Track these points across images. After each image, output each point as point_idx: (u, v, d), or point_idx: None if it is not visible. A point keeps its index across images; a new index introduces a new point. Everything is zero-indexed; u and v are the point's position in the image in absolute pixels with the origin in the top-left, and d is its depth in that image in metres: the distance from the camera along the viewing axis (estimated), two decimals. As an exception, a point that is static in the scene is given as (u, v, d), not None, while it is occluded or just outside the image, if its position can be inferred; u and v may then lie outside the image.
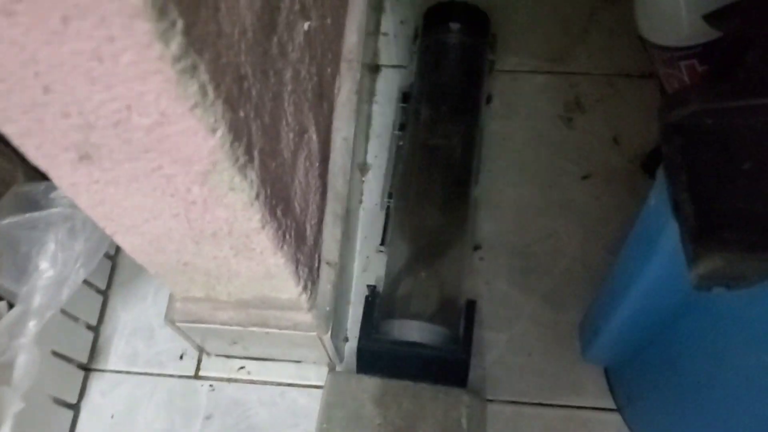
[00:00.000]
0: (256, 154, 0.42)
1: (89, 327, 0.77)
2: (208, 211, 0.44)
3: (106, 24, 0.28)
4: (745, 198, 0.38)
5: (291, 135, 0.52)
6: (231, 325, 0.65)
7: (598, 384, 0.75)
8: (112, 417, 0.74)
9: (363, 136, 0.85)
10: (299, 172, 0.55)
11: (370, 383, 0.67)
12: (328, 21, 0.64)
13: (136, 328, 0.79)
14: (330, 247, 0.68)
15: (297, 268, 0.56)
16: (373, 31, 0.90)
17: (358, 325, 0.76)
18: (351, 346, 0.76)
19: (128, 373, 0.77)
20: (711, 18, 0.45)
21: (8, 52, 0.30)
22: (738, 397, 0.51)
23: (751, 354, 0.46)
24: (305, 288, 0.60)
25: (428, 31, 0.81)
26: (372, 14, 0.88)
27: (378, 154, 0.87)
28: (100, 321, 0.78)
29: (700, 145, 0.39)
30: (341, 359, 0.75)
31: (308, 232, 0.60)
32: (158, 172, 0.40)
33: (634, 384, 0.69)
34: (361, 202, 0.84)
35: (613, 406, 0.73)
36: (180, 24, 0.30)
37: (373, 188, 0.85)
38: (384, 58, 0.92)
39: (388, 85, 0.90)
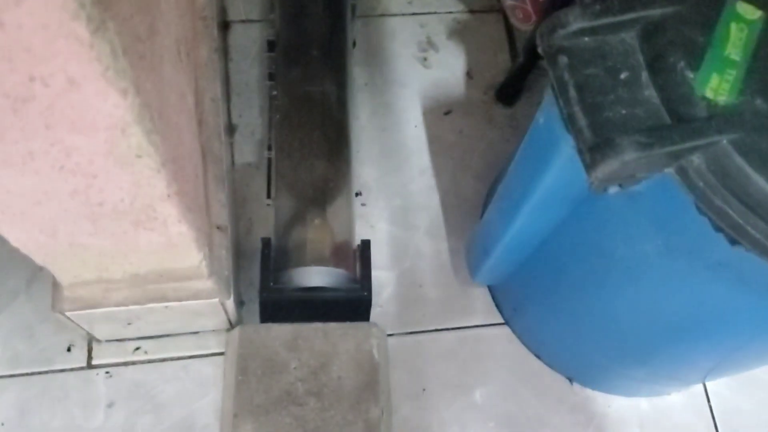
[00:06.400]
0: (156, 117, 0.40)
1: (-42, 337, 0.70)
2: (111, 182, 0.42)
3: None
4: (627, 104, 0.42)
5: (173, 97, 0.50)
6: (126, 305, 0.62)
7: (484, 302, 0.80)
8: (3, 425, 0.69)
9: (224, 96, 0.83)
10: (185, 135, 0.54)
11: (281, 330, 0.68)
12: (185, -23, 0.62)
13: (13, 328, 0.73)
14: (218, 212, 0.66)
15: (197, 234, 0.54)
16: (217, -13, 0.87)
17: (252, 286, 0.76)
18: (248, 309, 0.76)
19: (12, 376, 0.71)
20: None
21: None
22: (619, 286, 0.57)
23: (631, 246, 0.51)
24: (205, 254, 0.59)
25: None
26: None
27: (242, 112, 0.85)
28: (-32, 328, 0.72)
29: (581, 61, 0.43)
30: (240, 323, 0.75)
31: (200, 197, 0.59)
32: (58, 146, 0.37)
33: (519, 295, 0.75)
34: (233, 164, 0.82)
35: (501, 320, 0.79)
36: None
37: (243, 149, 0.83)
38: (232, 14, 0.89)
39: (241, 41, 0.88)
